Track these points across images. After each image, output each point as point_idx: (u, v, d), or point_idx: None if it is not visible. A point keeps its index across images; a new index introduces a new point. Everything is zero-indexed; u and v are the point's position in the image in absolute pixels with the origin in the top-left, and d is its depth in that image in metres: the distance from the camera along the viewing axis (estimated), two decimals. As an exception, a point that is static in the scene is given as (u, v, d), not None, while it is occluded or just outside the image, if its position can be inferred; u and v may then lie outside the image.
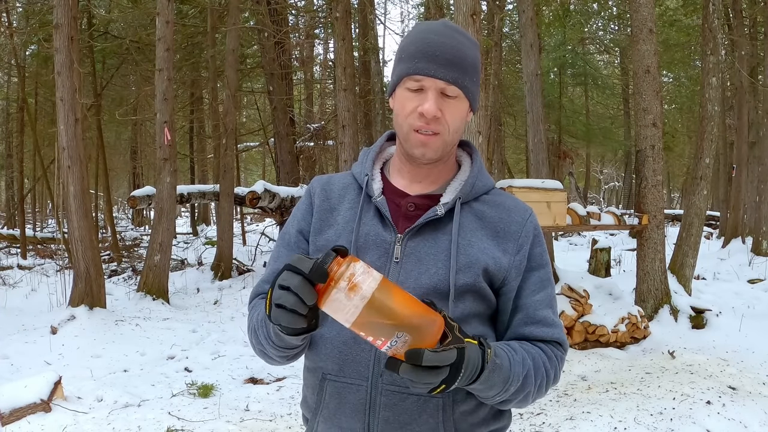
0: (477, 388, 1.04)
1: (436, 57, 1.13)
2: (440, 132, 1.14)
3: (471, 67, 1.16)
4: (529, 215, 1.23)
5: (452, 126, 1.15)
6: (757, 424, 3.77)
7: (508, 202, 1.24)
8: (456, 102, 1.15)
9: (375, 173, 1.26)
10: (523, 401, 1.15)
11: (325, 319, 1.02)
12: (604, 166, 32.00)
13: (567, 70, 15.49)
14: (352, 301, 0.91)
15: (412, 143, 1.16)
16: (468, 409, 1.15)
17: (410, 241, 1.17)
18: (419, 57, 1.14)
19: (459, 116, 1.16)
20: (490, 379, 1.03)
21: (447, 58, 1.13)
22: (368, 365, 1.13)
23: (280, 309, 0.93)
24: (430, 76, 1.13)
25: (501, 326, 1.22)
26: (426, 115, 1.12)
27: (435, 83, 1.13)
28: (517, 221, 1.21)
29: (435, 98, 1.13)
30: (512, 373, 1.07)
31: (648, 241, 6.37)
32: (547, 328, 1.19)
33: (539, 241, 1.23)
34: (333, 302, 0.92)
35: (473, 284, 1.14)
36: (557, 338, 1.20)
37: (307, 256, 0.94)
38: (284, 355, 1.16)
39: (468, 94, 1.17)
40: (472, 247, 1.16)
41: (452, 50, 1.14)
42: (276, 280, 0.95)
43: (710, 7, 7.20)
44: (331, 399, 1.17)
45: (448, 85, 1.13)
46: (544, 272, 1.22)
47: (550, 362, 1.18)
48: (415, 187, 1.23)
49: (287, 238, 1.28)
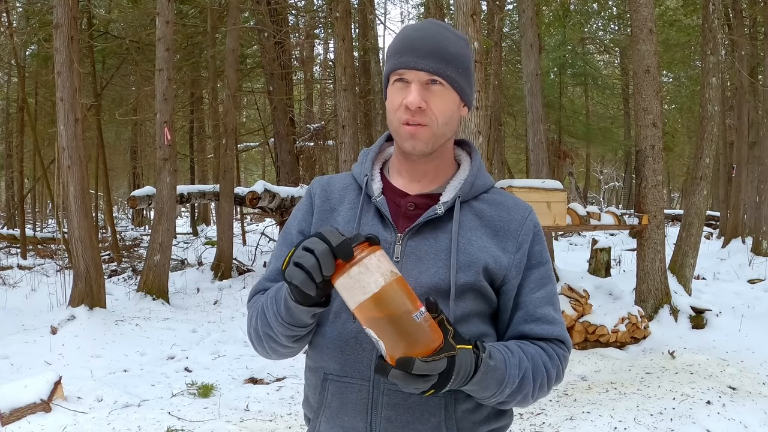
0: (470, 389, 1.05)
1: (416, 50, 1.14)
2: (427, 123, 1.14)
3: (454, 58, 1.16)
4: (528, 213, 1.23)
5: (440, 117, 1.15)
6: (757, 424, 3.77)
7: (507, 201, 1.24)
8: (441, 92, 1.15)
9: (375, 173, 1.26)
10: (522, 401, 1.14)
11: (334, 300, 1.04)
12: (604, 166, 31.99)
13: (567, 70, 15.50)
14: (364, 287, 0.92)
15: (402, 137, 1.16)
16: (470, 407, 1.15)
17: (410, 240, 1.17)
18: (401, 52, 1.15)
19: (446, 107, 1.16)
20: (483, 381, 1.03)
21: (427, 50, 1.13)
22: (370, 365, 1.13)
23: (298, 268, 0.94)
24: (411, 69, 1.13)
25: (501, 325, 1.22)
26: (410, 106, 1.13)
27: (417, 75, 1.13)
28: (517, 219, 1.21)
29: (418, 89, 1.13)
30: (507, 375, 1.07)
31: (648, 241, 6.37)
32: (548, 326, 1.19)
33: (539, 238, 1.23)
34: (347, 281, 0.93)
35: (474, 283, 1.14)
36: (558, 336, 1.20)
37: (338, 231, 0.95)
38: (291, 335, 1.13)
39: (454, 85, 1.16)
40: (472, 246, 1.16)
41: (432, 42, 1.15)
42: (302, 242, 0.96)
43: (710, 7, 7.20)
44: (333, 399, 1.17)
45: (430, 75, 1.13)
46: (544, 270, 1.22)
47: (551, 361, 1.17)
48: (415, 187, 1.23)
49: (289, 238, 1.28)
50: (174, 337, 6.15)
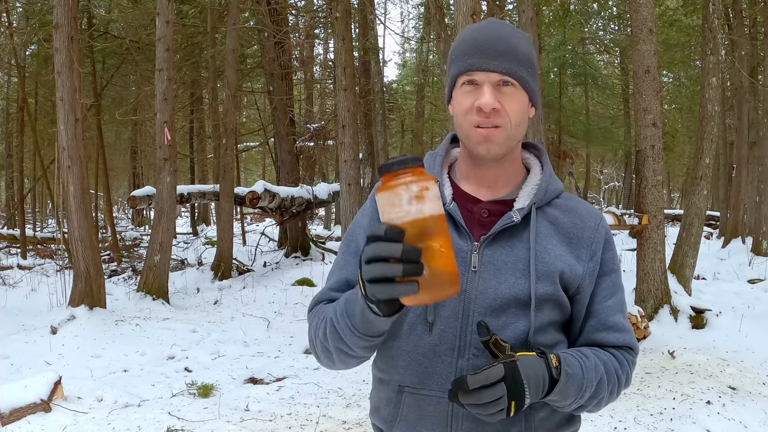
0: (553, 399, 1.06)
1: (485, 51, 1.12)
2: (501, 125, 1.12)
3: (524, 57, 1.14)
4: (600, 220, 1.23)
5: (513, 118, 1.13)
6: (757, 424, 3.77)
7: (579, 207, 1.23)
8: (513, 93, 1.13)
9: (444, 178, 1.23)
10: (596, 406, 1.16)
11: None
12: (604, 166, 31.99)
13: (567, 70, 15.47)
14: (409, 207, 0.89)
15: (475, 140, 1.13)
16: (545, 415, 1.16)
17: (487, 249, 1.15)
18: (469, 54, 1.13)
19: (519, 108, 1.14)
20: (564, 390, 1.05)
21: (497, 51, 1.11)
22: (449, 377, 1.12)
23: (377, 283, 0.90)
24: (482, 70, 1.11)
25: (573, 332, 1.22)
26: (484, 108, 1.10)
27: (488, 76, 1.11)
28: (590, 226, 1.20)
29: (491, 91, 1.11)
30: (585, 380, 1.09)
31: (648, 241, 6.36)
32: (619, 334, 1.19)
33: (610, 245, 1.22)
34: (393, 196, 0.90)
35: (552, 293, 1.14)
36: (628, 343, 1.21)
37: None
38: (368, 345, 1.10)
39: (524, 85, 1.14)
40: (548, 255, 1.15)
41: (501, 42, 1.13)
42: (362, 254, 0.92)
43: (710, 7, 7.20)
44: (410, 412, 1.16)
45: (502, 76, 1.11)
46: (615, 277, 1.22)
47: (621, 368, 1.18)
48: (485, 192, 1.20)
49: (353, 247, 1.25)
50: (174, 337, 6.15)
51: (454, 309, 1.13)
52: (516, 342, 1.11)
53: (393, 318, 1.01)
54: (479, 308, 1.12)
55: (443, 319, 1.13)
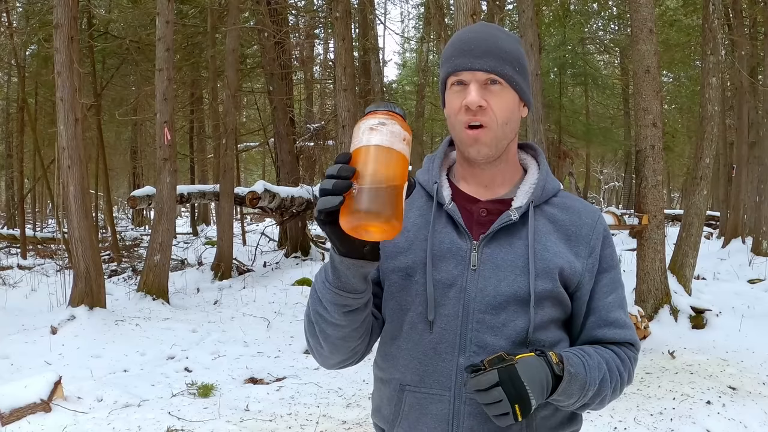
0: (556, 398, 1.07)
1: (471, 51, 1.14)
2: (488, 124, 1.13)
3: (510, 56, 1.15)
4: (598, 217, 1.24)
5: (500, 117, 1.14)
6: (757, 424, 3.77)
7: (577, 205, 1.24)
8: (501, 92, 1.14)
9: (442, 180, 1.25)
10: (599, 404, 1.17)
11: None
12: (604, 166, 31.98)
13: (567, 70, 15.48)
14: (361, 136, 0.98)
15: (465, 142, 1.16)
16: (547, 413, 1.16)
17: (486, 247, 1.16)
18: (456, 55, 1.15)
19: (506, 106, 1.15)
20: (568, 389, 1.07)
21: (482, 50, 1.13)
22: (450, 375, 1.13)
23: (323, 196, 0.95)
24: (468, 70, 1.13)
25: (575, 330, 1.23)
26: (470, 105, 1.12)
27: (474, 75, 1.13)
28: (588, 224, 1.21)
29: (477, 89, 1.13)
30: (588, 379, 1.10)
31: (648, 241, 6.37)
32: (620, 330, 1.21)
33: (609, 242, 1.24)
34: (356, 129, 1.00)
35: (552, 290, 1.14)
36: (630, 339, 1.22)
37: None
38: (342, 304, 1.07)
39: (512, 83, 1.15)
40: (547, 252, 1.16)
41: (487, 42, 1.14)
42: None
43: (710, 7, 7.20)
44: (412, 410, 1.16)
45: (488, 74, 1.13)
46: (615, 273, 1.23)
47: (623, 364, 1.19)
48: (484, 192, 1.22)
49: None
50: (174, 337, 6.15)
51: (455, 307, 1.14)
52: (516, 339, 1.12)
53: (361, 267, 1.02)
54: (479, 306, 1.13)
55: (444, 318, 1.14)
